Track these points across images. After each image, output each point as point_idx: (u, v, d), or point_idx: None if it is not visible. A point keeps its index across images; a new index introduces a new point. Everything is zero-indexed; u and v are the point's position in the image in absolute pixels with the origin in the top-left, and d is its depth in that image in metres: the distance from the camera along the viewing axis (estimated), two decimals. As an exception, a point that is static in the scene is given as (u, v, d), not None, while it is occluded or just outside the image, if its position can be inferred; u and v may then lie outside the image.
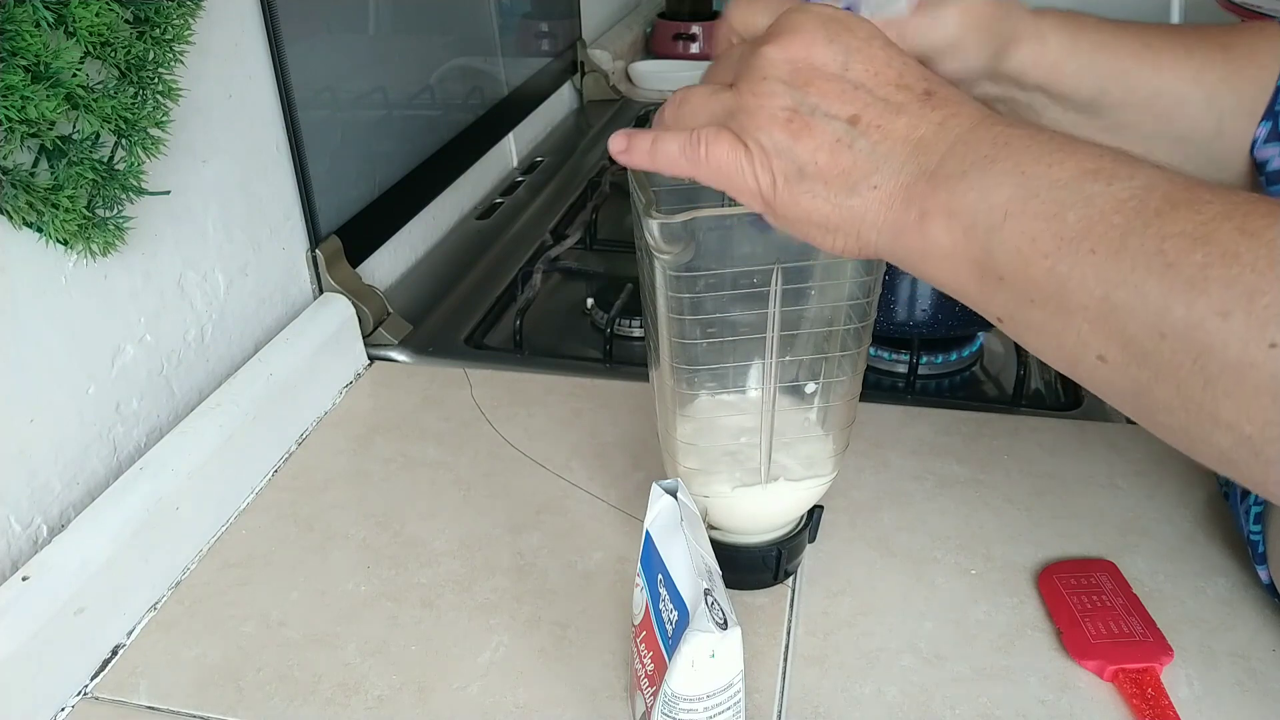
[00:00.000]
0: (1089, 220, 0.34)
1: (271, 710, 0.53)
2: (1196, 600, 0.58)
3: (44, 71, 0.51)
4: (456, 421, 0.77)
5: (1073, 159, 0.36)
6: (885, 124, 0.39)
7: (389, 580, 0.62)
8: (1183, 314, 0.32)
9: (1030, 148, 0.37)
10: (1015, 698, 0.53)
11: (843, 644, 0.56)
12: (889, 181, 0.39)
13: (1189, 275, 0.32)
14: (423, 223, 1.05)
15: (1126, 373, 0.34)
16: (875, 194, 0.39)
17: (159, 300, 0.68)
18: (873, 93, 0.40)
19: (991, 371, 0.86)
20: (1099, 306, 0.34)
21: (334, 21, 0.88)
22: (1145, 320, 0.33)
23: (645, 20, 1.88)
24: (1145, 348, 0.33)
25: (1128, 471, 0.69)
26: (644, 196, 0.49)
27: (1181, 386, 0.33)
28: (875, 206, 0.39)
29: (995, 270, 0.37)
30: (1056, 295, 0.35)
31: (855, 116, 0.39)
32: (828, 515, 0.63)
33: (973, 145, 0.38)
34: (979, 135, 0.38)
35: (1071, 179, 0.35)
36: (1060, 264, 0.35)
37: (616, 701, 0.53)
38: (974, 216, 0.37)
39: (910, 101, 0.40)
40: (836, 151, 0.39)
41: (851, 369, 0.55)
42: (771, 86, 0.40)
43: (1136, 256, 0.33)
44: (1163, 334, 0.33)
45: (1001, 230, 0.36)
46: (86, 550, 0.57)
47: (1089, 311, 0.35)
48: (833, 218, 0.40)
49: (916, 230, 0.39)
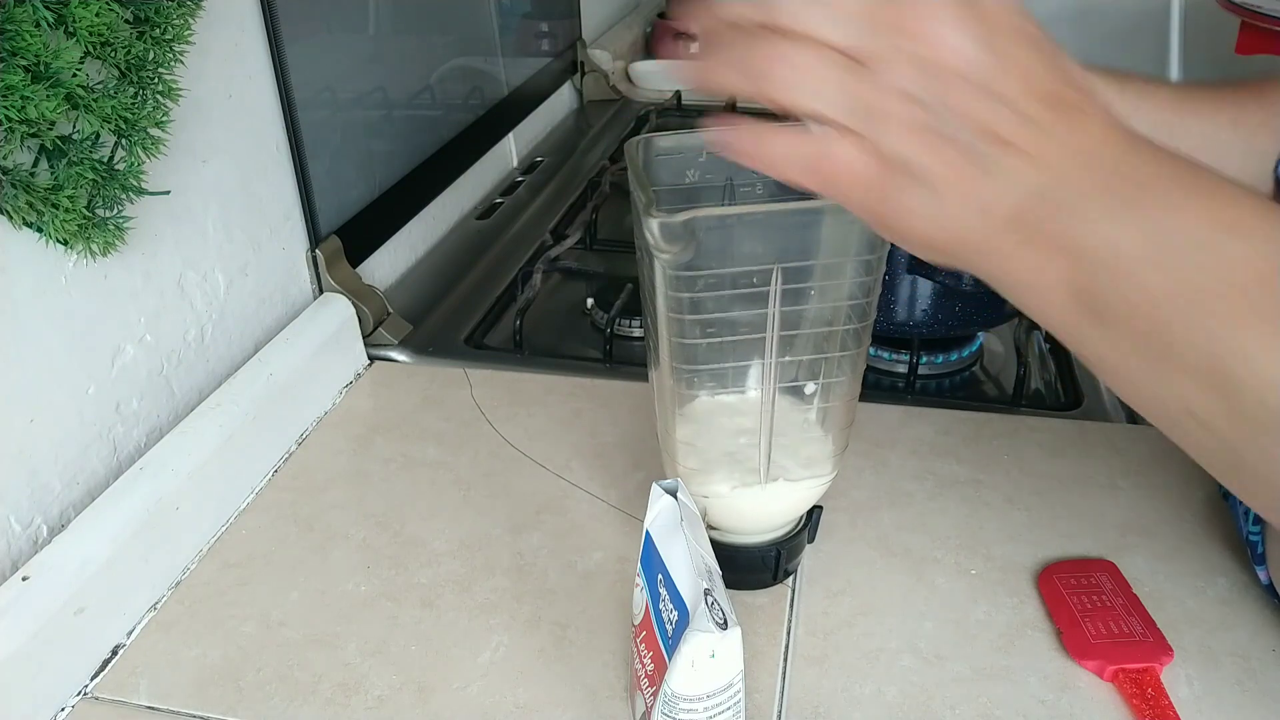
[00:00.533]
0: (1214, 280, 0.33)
1: (271, 710, 0.53)
2: (1196, 600, 0.58)
3: (44, 71, 0.51)
4: (456, 421, 0.77)
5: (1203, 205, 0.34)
6: (1032, 149, 0.36)
7: (389, 580, 0.62)
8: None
9: (1156, 183, 0.35)
10: (1015, 698, 0.53)
11: (843, 644, 0.56)
12: (1000, 202, 0.36)
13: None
14: (423, 223, 1.05)
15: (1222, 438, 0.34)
16: (989, 217, 0.36)
17: (159, 300, 0.68)
18: (1015, 107, 0.35)
19: (991, 371, 0.86)
20: (1209, 370, 0.33)
21: (334, 21, 0.88)
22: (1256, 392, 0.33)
23: (645, 20, 1.88)
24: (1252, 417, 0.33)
25: (1128, 471, 0.69)
26: (644, 196, 0.49)
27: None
28: (980, 229, 0.37)
29: (1098, 315, 0.35)
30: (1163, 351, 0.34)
31: (988, 130, 0.35)
32: (828, 515, 0.63)
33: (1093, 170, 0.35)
34: (1099, 159, 0.36)
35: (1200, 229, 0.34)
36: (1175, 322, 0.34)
37: (616, 701, 0.53)
38: (1094, 262, 0.35)
39: (1041, 115, 0.35)
40: (966, 174, 0.36)
41: (851, 369, 0.55)
42: (907, 77, 0.35)
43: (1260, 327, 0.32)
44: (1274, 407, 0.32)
45: (1121, 280, 0.34)
46: (86, 550, 0.57)
47: (1197, 374, 0.34)
48: (938, 240, 0.38)
49: (1017, 256, 0.36)
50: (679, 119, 1.50)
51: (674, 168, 0.56)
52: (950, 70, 0.35)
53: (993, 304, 0.80)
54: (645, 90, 1.64)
